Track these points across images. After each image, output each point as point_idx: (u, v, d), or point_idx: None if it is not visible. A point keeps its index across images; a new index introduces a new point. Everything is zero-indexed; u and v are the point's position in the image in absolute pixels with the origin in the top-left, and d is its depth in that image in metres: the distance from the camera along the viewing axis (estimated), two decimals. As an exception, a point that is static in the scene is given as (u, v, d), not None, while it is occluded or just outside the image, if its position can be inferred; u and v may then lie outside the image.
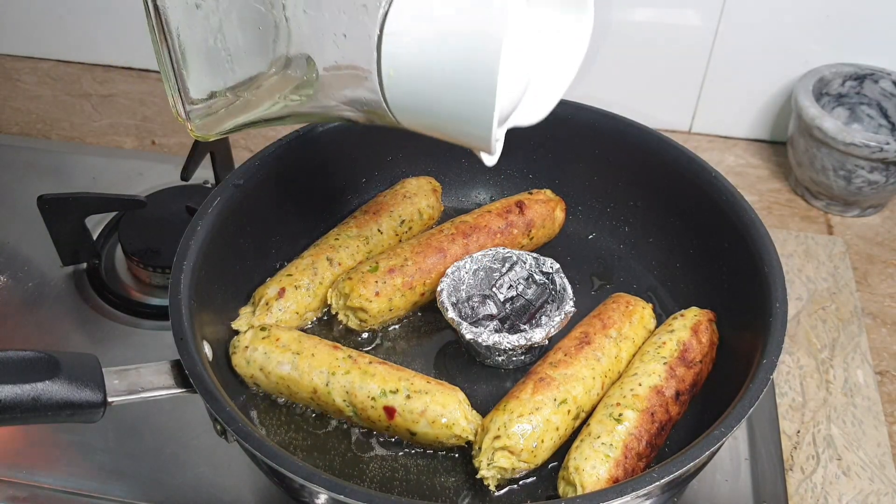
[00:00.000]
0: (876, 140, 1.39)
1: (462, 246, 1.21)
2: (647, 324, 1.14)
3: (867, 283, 1.41)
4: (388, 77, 0.83)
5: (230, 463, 1.10)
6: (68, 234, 1.32)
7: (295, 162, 1.21)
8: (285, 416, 1.08)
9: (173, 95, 0.90)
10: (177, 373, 0.92)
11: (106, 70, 1.85)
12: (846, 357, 1.28)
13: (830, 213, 1.55)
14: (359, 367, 1.03)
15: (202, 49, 0.87)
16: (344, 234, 1.22)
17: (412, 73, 0.83)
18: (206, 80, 0.89)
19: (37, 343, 1.25)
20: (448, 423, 0.99)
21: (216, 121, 0.92)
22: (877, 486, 1.12)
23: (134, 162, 1.58)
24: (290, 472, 0.84)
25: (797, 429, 1.19)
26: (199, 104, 0.90)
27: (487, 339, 1.08)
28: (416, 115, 0.86)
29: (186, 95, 0.89)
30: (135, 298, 1.32)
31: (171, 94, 0.90)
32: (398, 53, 0.82)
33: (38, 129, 1.70)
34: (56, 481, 1.09)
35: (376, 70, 0.83)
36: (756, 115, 1.66)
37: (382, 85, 0.84)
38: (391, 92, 0.84)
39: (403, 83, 0.83)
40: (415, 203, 1.28)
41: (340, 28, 0.84)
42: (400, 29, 0.82)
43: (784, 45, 1.56)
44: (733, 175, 1.59)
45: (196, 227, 1.06)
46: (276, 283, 1.15)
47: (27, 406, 0.82)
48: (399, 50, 0.82)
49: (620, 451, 0.96)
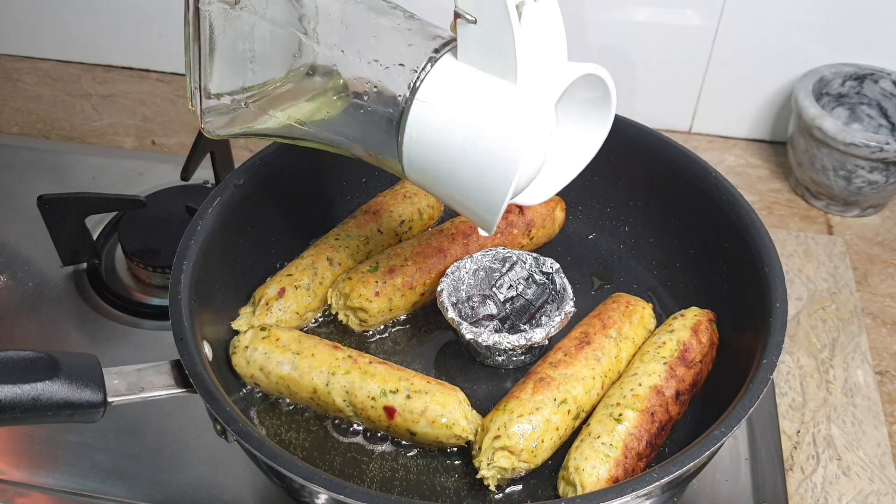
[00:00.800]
0: (876, 140, 1.39)
1: (462, 246, 1.21)
2: (647, 324, 1.14)
3: (867, 283, 1.41)
4: (408, 138, 0.83)
5: (230, 463, 1.10)
6: (68, 234, 1.32)
7: (295, 162, 1.21)
8: (285, 416, 1.08)
9: (192, 89, 0.90)
10: (177, 373, 0.92)
11: (106, 70, 1.85)
12: (846, 357, 1.28)
13: (830, 213, 1.55)
14: (359, 367, 1.03)
15: (229, 50, 0.88)
16: (344, 234, 1.22)
17: (433, 144, 0.82)
18: (226, 78, 0.89)
19: (37, 343, 1.25)
20: (448, 423, 0.99)
21: (228, 120, 0.92)
22: (877, 486, 1.12)
23: (134, 162, 1.58)
24: (290, 472, 0.84)
25: (797, 429, 1.19)
26: (216, 100, 0.90)
27: (487, 339, 1.08)
28: (427, 180, 0.87)
29: (206, 90, 0.89)
30: (135, 298, 1.32)
31: (190, 86, 0.90)
32: (424, 121, 0.82)
33: (38, 129, 1.70)
34: (56, 481, 1.09)
35: (398, 129, 0.83)
36: (756, 115, 1.66)
37: (401, 144, 0.84)
38: (408, 152, 0.84)
39: (422, 150, 0.83)
40: (415, 203, 1.28)
41: (373, 76, 0.83)
42: (432, 99, 0.82)
43: (784, 45, 1.56)
44: (733, 175, 1.59)
45: (196, 227, 1.06)
46: (276, 283, 1.15)
47: (27, 406, 0.83)
48: (426, 118, 0.82)
49: (620, 451, 0.96)
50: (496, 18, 0.78)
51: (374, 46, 0.84)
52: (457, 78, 0.82)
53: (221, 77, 0.89)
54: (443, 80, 0.82)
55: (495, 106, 0.80)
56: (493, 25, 0.78)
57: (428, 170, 0.85)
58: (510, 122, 0.80)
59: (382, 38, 0.84)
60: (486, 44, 0.80)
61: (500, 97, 0.80)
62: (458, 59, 0.82)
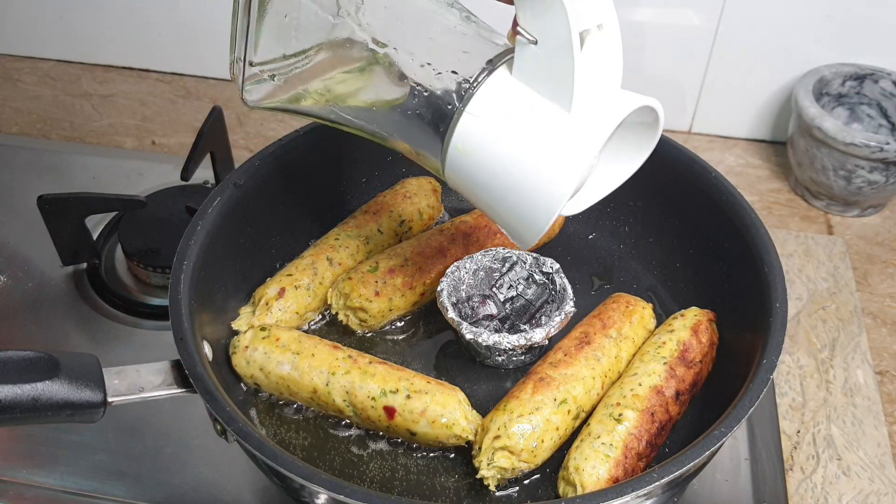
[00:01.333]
0: (876, 140, 1.39)
1: (462, 246, 1.21)
2: (647, 324, 1.14)
3: (867, 283, 1.41)
4: (454, 148, 0.81)
5: (230, 463, 1.10)
6: (68, 234, 1.32)
7: (295, 162, 1.21)
8: (285, 416, 1.08)
9: (236, 58, 0.88)
10: (177, 373, 0.92)
11: (106, 70, 1.85)
12: (846, 357, 1.28)
13: (830, 213, 1.55)
14: (359, 367, 1.03)
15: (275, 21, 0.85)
16: (344, 234, 1.22)
17: (478, 159, 0.81)
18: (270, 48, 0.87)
19: (37, 343, 1.25)
20: (448, 423, 0.99)
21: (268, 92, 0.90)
22: (877, 486, 1.12)
23: (134, 162, 1.58)
24: (290, 472, 0.84)
25: (797, 429, 1.19)
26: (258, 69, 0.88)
27: (487, 339, 1.08)
28: (466, 189, 0.85)
29: (250, 59, 0.87)
30: (135, 298, 1.32)
31: (233, 56, 0.88)
32: (472, 135, 0.80)
33: (38, 129, 1.70)
34: (56, 481, 1.09)
35: (444, 136, 0.81)
36: (756, 115, 1.66)
37: (445, 151, 0.82)
38: (451, 161, 0.83)
39: (466, 161, 0.82)
40: (415, 203, 1.28)
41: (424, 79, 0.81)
42: (482, 114, 0.80)
43: (784, 45, 1.56)
44: (733, 175, 1.59)
45: (196, 227, 1.07)
46: (276, 283, 1.15)
47: (27, 406, 0.82)
48: (474, 132, 0.80)
49: (620, 451, 0.96)
50: (558, 44, 0.76)
51: (429, 49, 0.81)
52: (510, 96, 0.80)
53: (265, 46, 0.86)
54: (495, 96, 0.80)
55: (547, 135, 0.79)
56: (553, 50, 0.76)
57: (469, 181, 0.83)
58: (560, 157, 0.78)
59: (438, 40, 0.82)
60: (545, 66, 0.78)
61: (552, 126, 0.78)
62: (513, 75, 0.80)
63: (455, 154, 0.82)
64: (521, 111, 0.79)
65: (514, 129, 0.80)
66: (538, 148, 0.79)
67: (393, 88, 0.83)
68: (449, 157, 0.82)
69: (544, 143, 0.79)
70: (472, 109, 0.80)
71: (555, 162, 0.78)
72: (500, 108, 0.80)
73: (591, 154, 0.78)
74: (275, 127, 1.71)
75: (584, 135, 0.78)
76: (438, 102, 0.81)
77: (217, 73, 1.83)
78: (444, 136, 0.81)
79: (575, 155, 0.78)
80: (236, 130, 1.69)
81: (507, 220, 0.85)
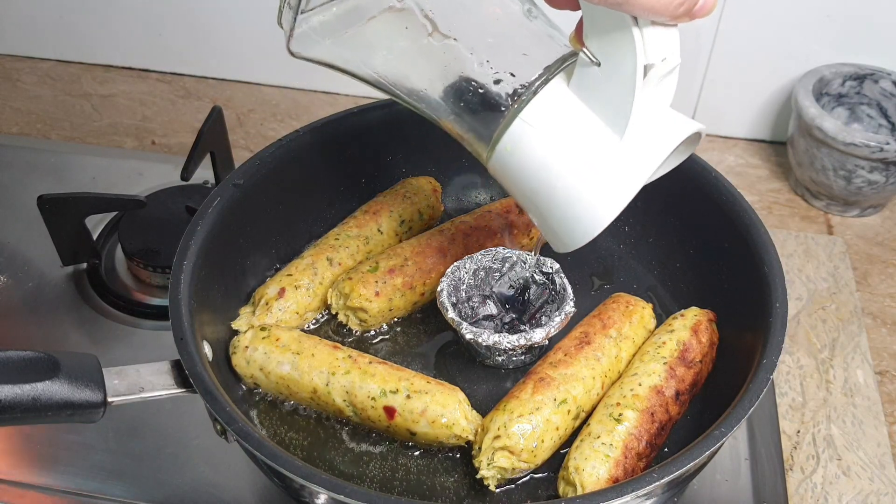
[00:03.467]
0: (876, 140, 1.39)
1: (462, 246, 1.21)
2: (647, 324, 1.14)
3: (867, 283, 1.41)
4: (502, 148, 0.81)
5: (230, 463, 1.10)
6: (68, 234, 1.32)
7: (295, 162, 1.21)
8: (285, 416, 1.08)
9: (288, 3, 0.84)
10: (177, 373, 0.92)
11: (106, 70, 1.85)
12: (846, 357, 1.28)
13: (830, 213, 1.55)
14: (359, 367, 1.03)
15: None
16: (344, 234, 1.22)
17: (525, 164, 0.81)
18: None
19: (37, 343, 1.25)
20: (448, 423, 0.99)
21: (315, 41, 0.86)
22: (877, 486, 1.12)
23: (134, 162, 1.58)
24: (290, 472, 0.84)
25: (797, 429, 1.19)
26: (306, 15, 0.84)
27: (487, 339, 1.08)
28: (508, 186, 0.85)
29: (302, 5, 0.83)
30: (135, 298, 1.32)
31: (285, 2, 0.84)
32: (522, 141, 0.80)
33: (38, 129, 1.70)
34: (56, 481, 1.09)
35: (494, 136, 0.81)
36: (756, 115, 1.66)
37: (493, 148, 0.82)
38: (498, 158, 0.82)
39: (513, 163, 0.81)
40: (415, 203, 1.28)
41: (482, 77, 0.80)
42: (535, 123, 0.79)
43: (784, 45, 1.56)
44: (733, 175, 1.59)
45: (196, 227, 1.06)
46: (276, 283, 1.15)
47: (27, 406, 0.82)
48: (524, 139, 0.80)
49: (620, 451, 0.96)
50: (622, 72, 0.75)
51: (490, 46, 0.80)
52: (565, 110, 0.79)
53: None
54: (550, 107, 0.79)
55: (597, 161, 0.78)
56: (616, 77, 0.76)
57: (513, 181, 0.83)
58: (607, 186, 0.78)
59: (499, 37, 0.80)
60: (604, 90, 0.77)
61: (603, 152, 0.78)
62: (570, 87, 0.79)
63: (503, 153, 0.82)
64: (574, 129, 0.79)
65: (565, 146, 0.79)
66: (586, 172, 0.79)
67: (447, 77, 0.82)
68: (496, 154, 0.82)
69: (593, 168, 0.79)
70: (527, 117, 0.79)
71: (601, 190, 0.79)
72: (554, 120, 0.79)
73: (637, 186, 0.78)
74: (275, 127, 1.71)
75: (633, 167, 0.78)
76: (493, 101, 0.80)
77: (217, 73, 1.83)
78: (493, 133, 0.81)
79: (622, 186, 0.78)
80: (236, 130, 1.69)
81: (544, 224, 0.85)
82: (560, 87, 0.80)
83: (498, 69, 0.80)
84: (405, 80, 0.85)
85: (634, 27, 0.74)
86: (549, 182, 0.80)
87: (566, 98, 0.79)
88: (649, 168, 0.78)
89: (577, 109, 0.79)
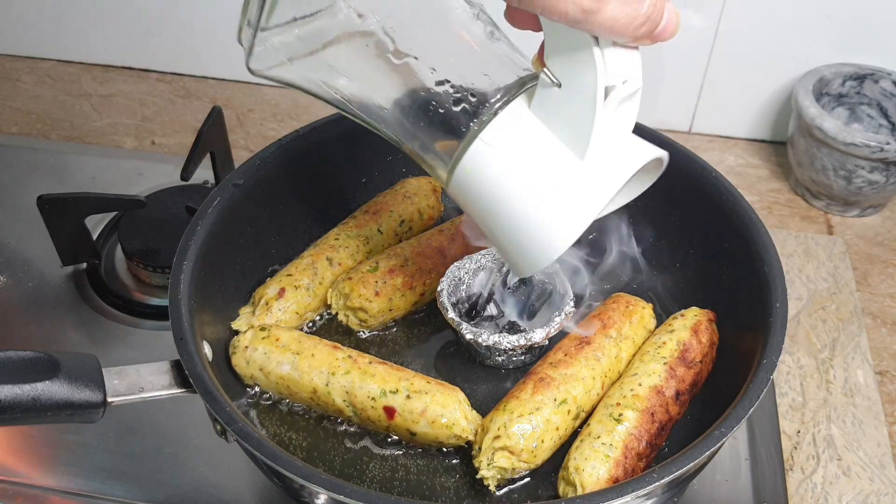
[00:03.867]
0: (876, 140, 1.39)
1: (462, 246, 1.21)
2: (647, 324, 1.14)
3: (867, 283, 1.41)
4: (461, 169, 0.81)
5: (230, 463, 1.10)
6: (68, 234, 1.32)
7: (295, 162, 1.21)
8: (285, 416, 1.08)
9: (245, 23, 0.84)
10: (177, 373, 0.92)
11: (106, 70, 1.85)
12: (846, 357, 1.28)
13: (830, 213, 1.55)
14: (359, 367, 1.03)
15: None
16: (344, 234, 1.22)
17: (485, 185, 0.80)
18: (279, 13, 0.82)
19: (37, 343, 1.25)
20: (448, 423, 0.99)
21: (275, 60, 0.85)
22: (877, 486, 1.12)
23: (134, 162, 1.58)
24: (290, 472, 0.84)
25: (797, 429, 1.19)
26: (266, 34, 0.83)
27: (487, 339, 1.08)
28: (467, 207, 0.84)
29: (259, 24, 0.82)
30: (135, 298, 1.32)
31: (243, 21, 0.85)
32: (482, 162, 0.79)
33: (38, 129, 1.70)
34: (56, 481, 1.09)
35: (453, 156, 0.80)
36: (756, 115, 1.66)
37: (452, 169, 0.81)
38: (457, 179, 0.82)
39: (472, 184, 0.81)
40: (415, 203, 1.28)
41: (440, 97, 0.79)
42: (495, 144, 0.79)
43: (784, 45, 1.56)
44: (733, 175, 1.59)
45: (196, 227, 1.06)
46: (276, 283, 1.15)
47: (27, 406, 0.82)
48: (484, 160, 0.79)
49: (620, 451, 0.96)
50: (582, 93, 0.75)
51: (452, 66, 0.79)
52: (525, 131, 0.79)
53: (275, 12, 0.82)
54: (510, 128, 0.79)
55: (557, 183, 0.78)
56: (577, 98, 0.76)
57: (473, 202, 0.83)
58: (567, 208, 0.78)
59: (461, 58, 0.80)
60: (565, 111, 0.77)
61: (563, 174, 0.78)
62: (531, 108, 0.79)
63: (462, 175, 0.81)
64: (534, 150, 0.79)
65: (525, 168, 0.79)
66: (546, 193, 0.78)
67: (407, 97, 0.82)
68: (456, 175, 0.82)
69: (553, 189, 0.78)
70: (487, 138, 0.79)
71: (561, 211, 0.78)
72: (514, 141, 0.79)
73: (597, 209, 0.78)
74: (275, 127, 1.71)
75: (593, 189, 0.78)
76: (453, 121, 0.79)
77: (217, 73, 1.83)
78: (453, 153, 0.80)
79: (582, 208, 0.78)
80: (236, 130, 1.69)
81: (504, 248, 0.84)
82: (521, 108, 0.79)
83: (458, 89, 0.79)
84: (367, 100, 0.84)
85: (595, 47, 0.74)
86: (509, 203, 0.80)
87: (527, 119, 0.79)
88: (610, 191, 0.77)
89: (537, 130, 0.79)
